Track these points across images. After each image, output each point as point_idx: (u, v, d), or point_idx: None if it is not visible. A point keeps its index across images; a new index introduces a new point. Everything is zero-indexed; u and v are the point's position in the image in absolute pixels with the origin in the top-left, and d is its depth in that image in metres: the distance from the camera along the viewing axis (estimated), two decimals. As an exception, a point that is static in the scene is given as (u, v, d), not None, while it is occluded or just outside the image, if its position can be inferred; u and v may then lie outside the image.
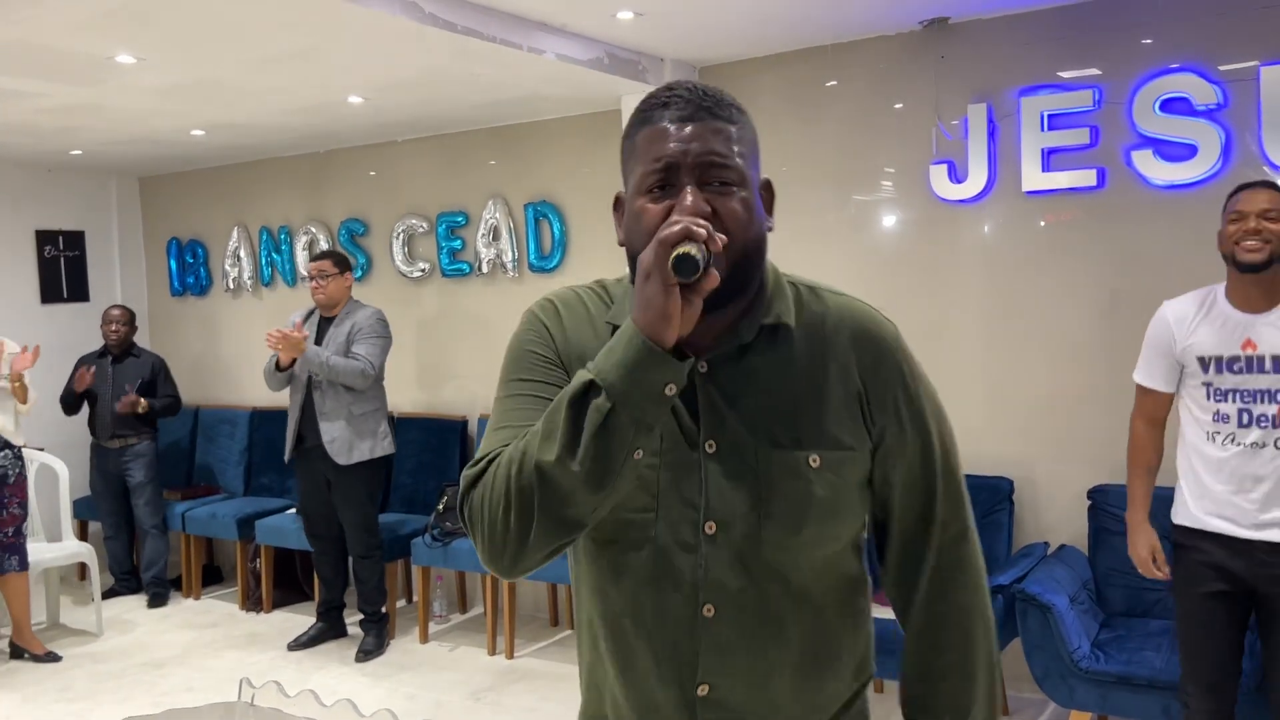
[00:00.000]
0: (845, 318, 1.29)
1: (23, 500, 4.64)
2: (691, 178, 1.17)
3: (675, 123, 1.19)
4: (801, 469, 1.21)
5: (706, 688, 1.23)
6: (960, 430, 3.99)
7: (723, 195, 1.18)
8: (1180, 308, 2.78)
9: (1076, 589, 3.42)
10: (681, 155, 1.17)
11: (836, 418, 1.24)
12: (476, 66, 3.97)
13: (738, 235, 1.17)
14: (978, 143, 3.92)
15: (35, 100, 4.42)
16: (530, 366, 1.26)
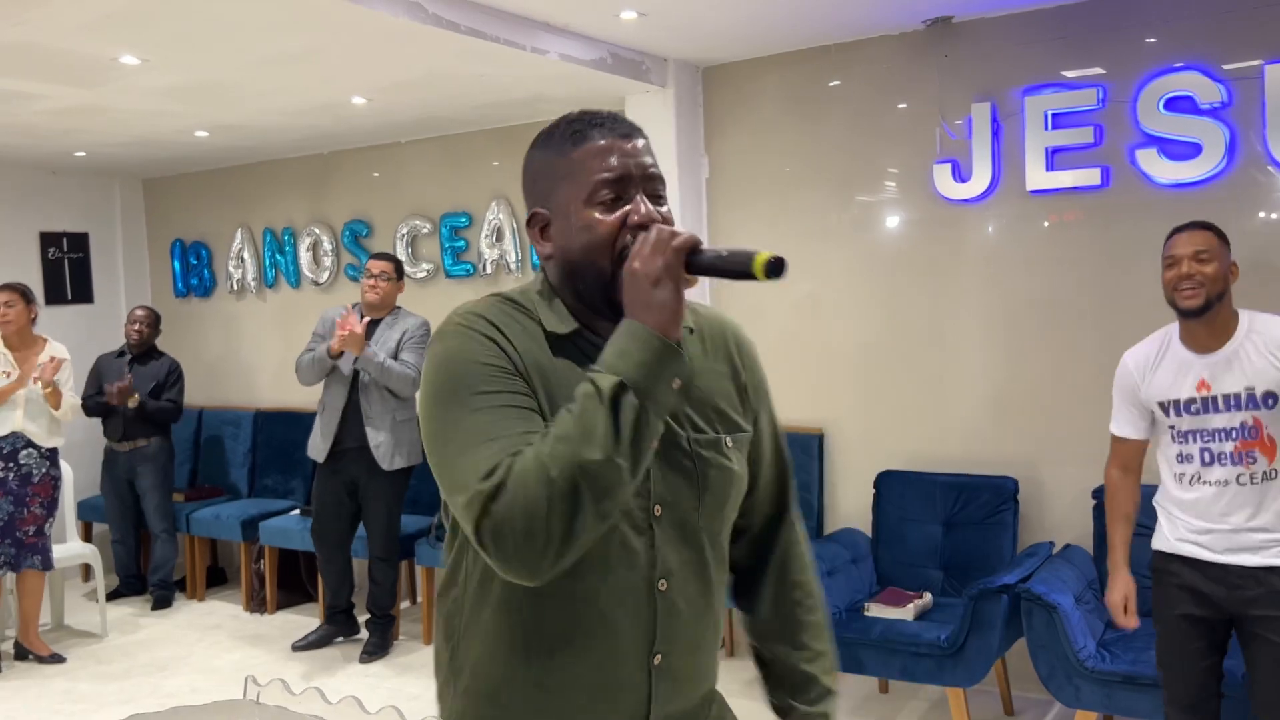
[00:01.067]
0: (724, 324, 1.46)
1: (46, 500, 4.66)
2: (639, 189, 1.28)
3: (621, 138, 1.29)
4: (722, 449, 1.37)
5: (660, 657, 1.32)
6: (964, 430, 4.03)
7: (659, 205, 1.29)
8: (1139, 354, 2.79)
9: (1082, 589, 3.41)
10: (634, 167, 1.28)
11: (732, 405, 1.40)
12: (480, 67, 3.97)
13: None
14: (981, 142, 3.91)
15: (39, 102, 4.42)
16: (490, 379, 1.25)
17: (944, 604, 3.71)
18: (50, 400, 4.63)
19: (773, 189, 4.43)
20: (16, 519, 4.56)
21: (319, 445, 4.66)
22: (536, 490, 1.14)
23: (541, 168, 1.35)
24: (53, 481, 4.70)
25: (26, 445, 4.61)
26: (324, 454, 4.63)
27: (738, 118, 4.49)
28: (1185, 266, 2.62)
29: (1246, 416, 2.59)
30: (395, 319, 4.67)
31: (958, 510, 3.92)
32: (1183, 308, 2.63)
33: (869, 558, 4.03)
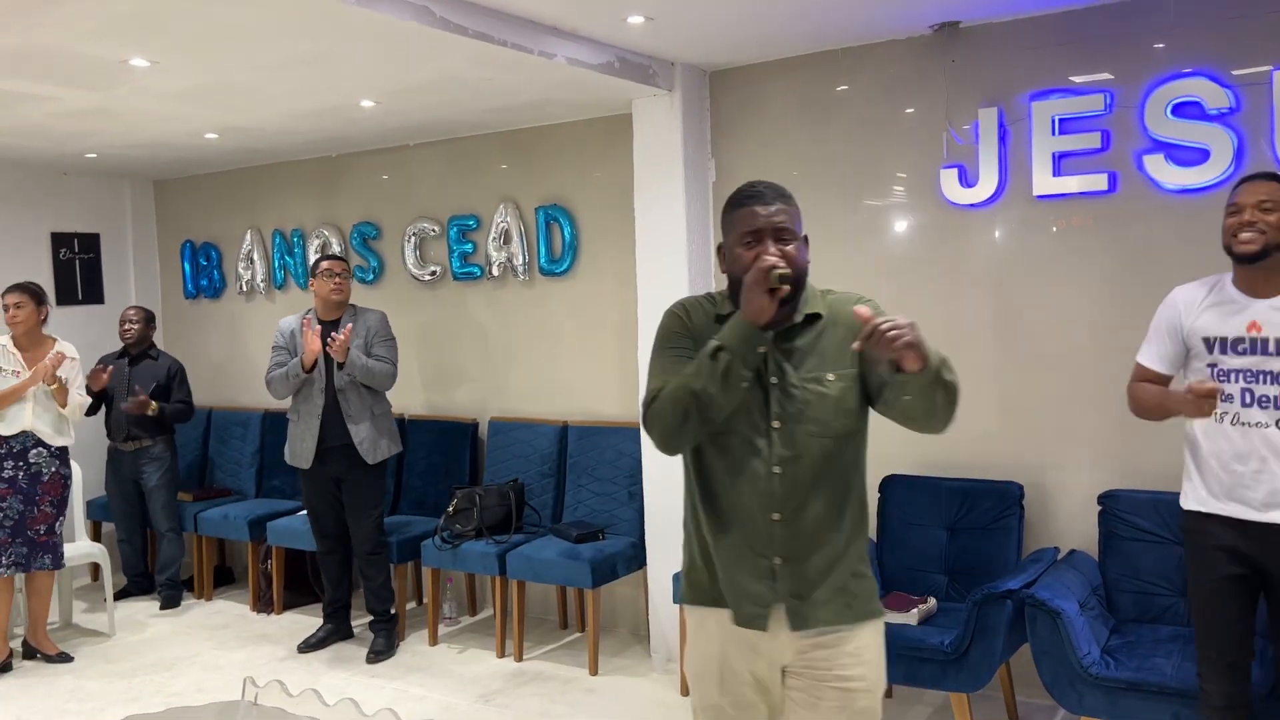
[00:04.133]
0: (848, 302, 2.20)
1: (56, 499, 4.68)
2: (770, 237, 2.12)
3: (761, 205, 2.16)
4: (823, 381, 2.13)
5: (777, 515, 2.12)
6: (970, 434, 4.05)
7: (785, 244, 2.12)
8: (1189, 292, 2.85)
9: (1086, 595, 3.40)
10: (764, 224, 2.13)
11: (840, 355, 2.14)
12: (488, 71, 3.99)
13: (795, 268, 2.09)
14: (988, 147, 3.91)
15: (51, 104, 4.45)
16: (675, 340, 2.20)
17: (948, 609, 3.71)
18: (57, 397, 4.66)
19: (779, 193, 4.43)
20: (27, 518, 4.59)
21: (301, 452, 4.70)
22: (669, 403, 2.09)
23: (724, 219, 2.22)
24: (62, 480, 4.72)
25: (36, 444, 4.63)
26: (309, 459, 4.67)
27: (745, 122, 4.50)
28: (1248, 214, 2.69)
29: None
30: (353, 315, 4.74)
31: (962, 515, 3.91)
32: (1239, 252, 2.70)
33: (874, 561, 4.03)
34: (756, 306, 2.02)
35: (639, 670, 4.47)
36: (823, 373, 2.13)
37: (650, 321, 4.49)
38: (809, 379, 2.13)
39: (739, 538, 2.15)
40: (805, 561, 2.12)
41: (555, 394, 5.19)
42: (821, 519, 2.13)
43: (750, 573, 2.14)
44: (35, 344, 4.74)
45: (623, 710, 4.04)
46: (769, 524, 2.12)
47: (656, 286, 4.47)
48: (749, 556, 2.14)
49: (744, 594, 2.14)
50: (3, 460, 4.56)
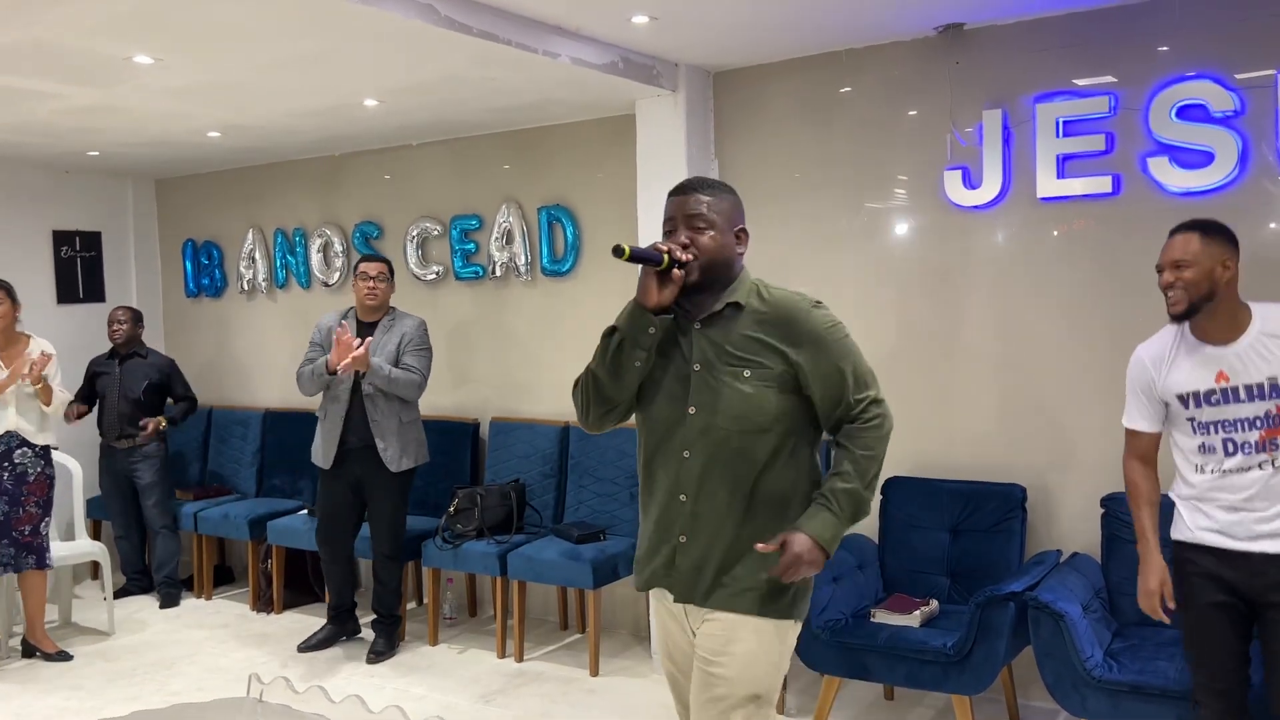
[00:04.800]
0: (786, 303, 2.27)
1: (41, 499, 4.65)
2: (682, 224, 2.25)
3: (681, 194, 2.28)
4: (740, 377, 2.22)
5: (684, 496, 2.28)
6: (971, 437, 4.04)
7: (700, 234, 2.24)
8: (1153, 349, 2.84)
9: (1089, 597, 3.40)
10: (677, 211, 2.27)
11: (762, 353, 2.22)
12: (491, 70, 3.98)
13: (705, 254, 2.22)
14: (992, 149, 3.91)
15: (53, 101, 4.45)
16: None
17: (950, 611, 3.70)
18: (41, 396, 4.63)
19: (782, 194, 4.43)
20: (13, 519, 4.54)
21: (323, 452, 4.67)
22: (577, 385, 2.36)
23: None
24: (48, 480, 4.68)
25: (21, 444, 4.60)
26: (330, 460, 4.63)
27: (748, 122, 4.49)
28: (1167, 274, 2.74)
29: (1270, 405, 2.64)
30: (392, 321, 4.67)
31: (965, 517, 3.91)
32: (1170, 313, 2.75)
33: (875, 564, 4.02)
34: (642, 288, 2.17)
35: (640, 671, 4.47)
36: (740, 368, 2.21)
37: (653, 322, 4.49)
38: (727, 371, 2.21)
39: (656, 515, 2.33)
40: (702, 543, 2.26)
41: (557, 394, 5.18)
42: (724, 507, 2.25)
43: (660, 548, 2.32)
44: (10, 342, 4.68)
45: (623, 711, 4.04)
46: (678, 504, 2.28)
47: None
48: (661, 533, 2.32)
49: (650, 565, 2.35)
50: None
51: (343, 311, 4.80)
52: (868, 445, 2.26)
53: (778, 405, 2.22)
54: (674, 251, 2.16)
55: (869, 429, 2.26)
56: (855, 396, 2.26)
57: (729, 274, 2.27)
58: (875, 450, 2.27)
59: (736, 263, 2.30)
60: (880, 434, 2.28)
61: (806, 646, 3.59)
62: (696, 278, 2.20)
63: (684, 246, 2.20)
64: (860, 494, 2.24)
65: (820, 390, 2.24)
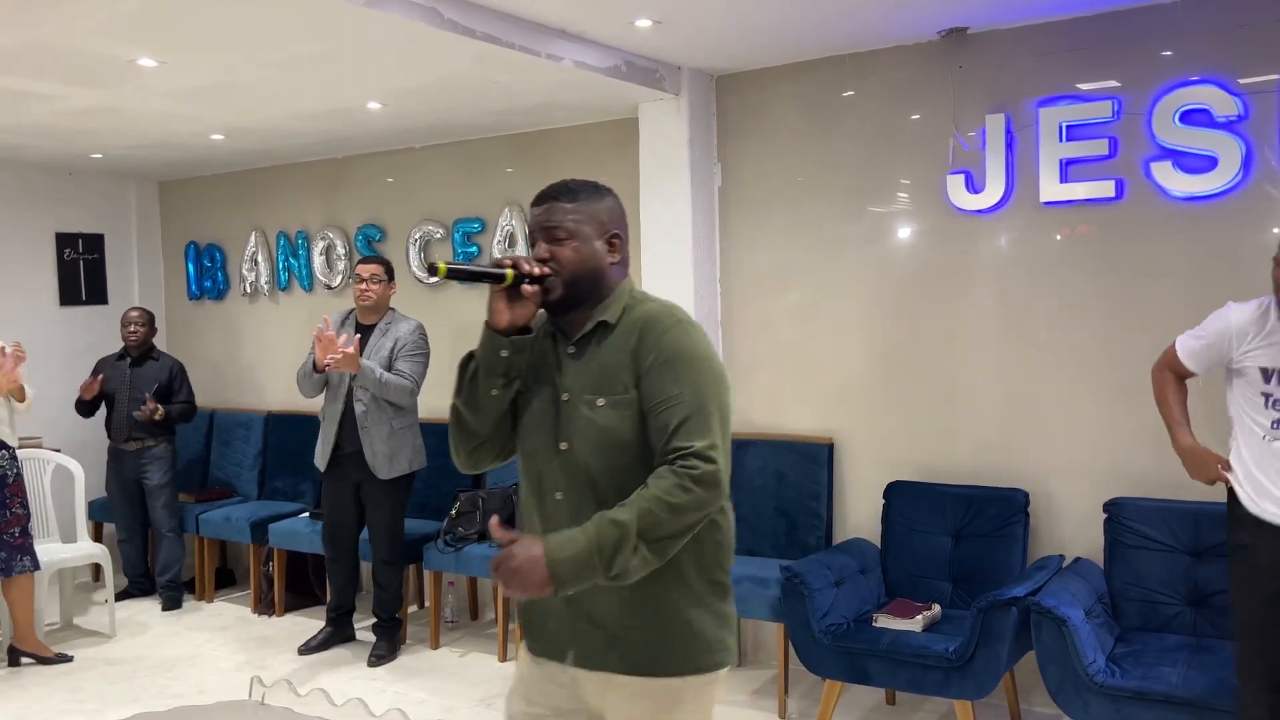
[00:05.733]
0: (642, 316, 1.95)
1: (24, 500, 4.60)
2: (541, 237, 1.97)
3: (534, 206, 2.01)
4: (593, 406, 1.92)
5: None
6: (974, 442, 4.04)
7: (559, 245, 1.95)
8: (1245, 317, 2.87)
9: (1092, 603, 3.39)
10: (534, 223, 2.00)
11: (618, 376, 1.92)
12: (494, 73, 3.98)
13: (566, 267, 1.94)
14: (995, 153, 3.90)
15: (57, 103, 4.45)
16: None
17: (953, 616, 3.69)
18: (16, 396, 4.60)
19: (785, 198, 4.43)
20: (1, 523, 4.51)
21: (320, 454, 4.68)
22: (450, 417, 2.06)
23: None
24: (21, 479, 4.64)
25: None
26: (325, 463, 4.64)
27: (751, 126, 4.49)
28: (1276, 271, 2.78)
29: None
30: (389, 324, 4.65)
31: (967, 522, 3.90)
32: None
33: (878, 568, 4.01)
34: (490, 308, 1.93)
35: (641, 675, 4.45)
36: (595, 395, 1.92)
37: (655, 325, 4.48)
38: (586, 399, 1.93)
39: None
40: (588, 597, 1.88)
41: (559, 398, 5.17)
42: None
43: (543, 606, 1.99)
44: None
45: (625, 715, 4.03)
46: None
47: (660, 291, 4.42)
48: None
49: (536, 626, 2.05)
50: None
51: (344, 313, 4.79)
52: (671, 491, 1.78)
53: (638, 435, 1.89)
54: (520, 264, 1.89)
55: (682, 473, 1.80)
56: (678, 441, 1.82)
57: (601, 288, 1.98)
58: (677, 500, 1.78)
59: (610, 274, 1.99)
60: (690, 488, 1.79)
61: (808, 650, 3.58)
62: (560, 294, 1.94)
63: (542, 261, 1.93)
64: (630, 539, 1.77)
65: (650, 420, 1.87)
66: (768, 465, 4.42)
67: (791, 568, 3.67)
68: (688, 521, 1.80)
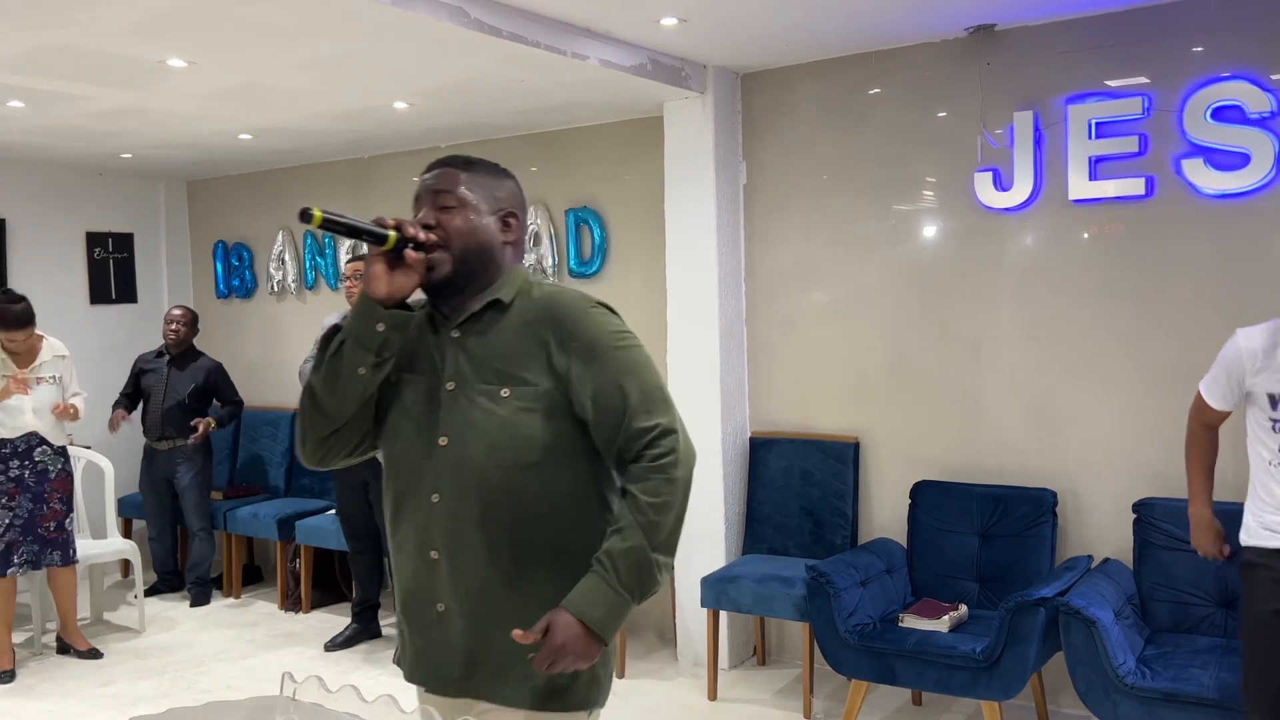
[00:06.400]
0: (551, 302, 1.78)
1: (64, 495, 4.69)
2: (428, 203, 1.80)
3: (425, 173, 1.86)
4: (496, 397, 1.73)
5: (434, 552, 1.77)
6: (1002, 441, 4.00)
7: (446, 214, 1.79)
8: (1255, 341, 2.79)
9: (1121, 603, 3.36)
10: (423, 188, 1.82)
11: (525, 366, 1.74)
12: (520, 72, 3.99)
13: (456, 241, 1.77)
14: (1023, 151, 3.88)
15: (87, 104, 4.50)
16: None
17: (980, 616, 3.67)
18: (68, 416, 4.67)
19: (810, 196, 4.42)
20: (37, 516, 4.58)
21: None
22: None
23: None
24: (68, 477, 4.73)
25: (41, 443, 4.63)
26: None
27: (776, 124, 4.48)
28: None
29: None
30: None
31: (995, 522, 3.87)
32: None
33: (904, 568, 4.00)
34: (369, 274, 1.73)
35: (665, 674, 4.46)
36: (498, 386, 1.73)
37: (680, 324, 4.49)
38: (482, 390, 1.74)
39: (406, 581, 1.82)
40: (463, 615, 1.74)
41: (583, 396, 5.19)
42: (487, 567, 1.73)
43: (414, 624, 1.81)
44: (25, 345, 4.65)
45: (650, 713, 4.03)
46: (430, 564, 1.77)
47: (686, 288, 4.46)
48: (413, 604, 1.80)
49: (409, 645, 1.84)
50: (8, 460, 4.56)
51: (342, 314, 4.84)
52: (656, 491, 1.68)
53: (547, 433, 1.73)
54: (405, 227, 1.72)
55: (657, 468, 1.69)
56: (638, 424, 1.71)
57: (492, 268, 1.81)
58: (666, 497, 1.69)
59: (502, 254, 1.83)
60: (672, 476, 1.70)
61: (834, 650, 3.57)
62: (448, 272, 1.76)
63: (427, 227, 1.76)
64: (646, 556, 1.67)
65: (593, 413, 1.73)
66: (793, 464, 4.41)
67: (817, 567, 3.66)
68: (679, 509, 1.72)
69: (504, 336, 1.76)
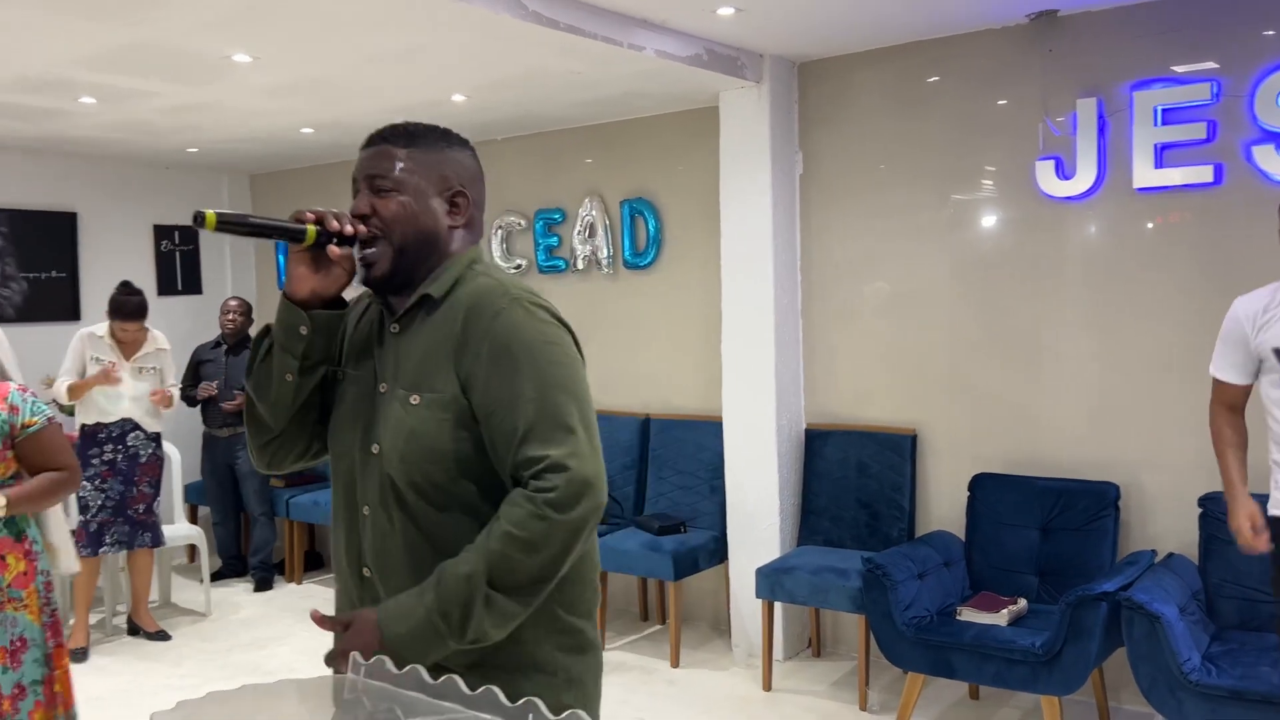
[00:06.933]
0: (472, 299, 1.56)
1: (153, 480, 4.85)
2: (364, 185, 1.62)
3: (364, 148, 1.64)
4: (405, 402, 1.55)
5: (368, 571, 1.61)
6: (1063, 434, 3.94)
7: (381, 196, 1.59)
8: (1250, 303, 2.80)
9: (1186, 599, 3.30)
10: (358, 170, 1.63)
11: (435, 369, 1.55)
12: (577, 64, 4.01)
13: (393, 230, 1.58)
14: (1087, 138, 3.81)
15: (156, 99, 4.61)
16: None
17: (1039, 611, 3.63)
18: (165, 403, 4.85)
19: (867, 186, 4.38)
20: (127, 498, 4.76)
21: None
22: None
23: None
24: (159, 462, 4.90)
25: (134, 428, 4.81)
26: None
27: (833, 114, 4.45)
28: None
29: None
30: None
31: (1055, 515, 3.82)
32: None
33: (962, 562, 3.96)
34: (289, 273, 1.60)
35: (720, 664, 4.47)
36: (410, 390, 1.55)
37: (735, 315, 4.49)
38: (399, 394, 1.56)
39: (340, 599, 1.69)
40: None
41: (637, 386, 5.21)
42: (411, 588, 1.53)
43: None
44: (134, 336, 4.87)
45: (704, 703, 4.05)
46: (363, 582, 1.62)
47: (741, 279, 4.46)
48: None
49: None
50: (103, 444, 4.74)
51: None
52: (523, 525, 1.44)
53: (458, 444, 1.52)
54: (326, 220, 1.56)
55: (532, 501, 1.45)
56: (526, 452, 1.47)
57: (435, 257, 1.61)
58: (532, 535, 1.44)
59: (448, 240, 1.62)
60: (546, 515, 1.44)
61: (890, 643, 3.55)
62: (386, 269, 1.58)
63: (361, 217, 1.60)
64: (478, 591, 1.44)
65: (485, 429, 1.52)
66: (849, 456, 4.39)
67: (873, 559, 3.64)
68: (551, 554, 1.45)
69: (426, 335, 1.57)
